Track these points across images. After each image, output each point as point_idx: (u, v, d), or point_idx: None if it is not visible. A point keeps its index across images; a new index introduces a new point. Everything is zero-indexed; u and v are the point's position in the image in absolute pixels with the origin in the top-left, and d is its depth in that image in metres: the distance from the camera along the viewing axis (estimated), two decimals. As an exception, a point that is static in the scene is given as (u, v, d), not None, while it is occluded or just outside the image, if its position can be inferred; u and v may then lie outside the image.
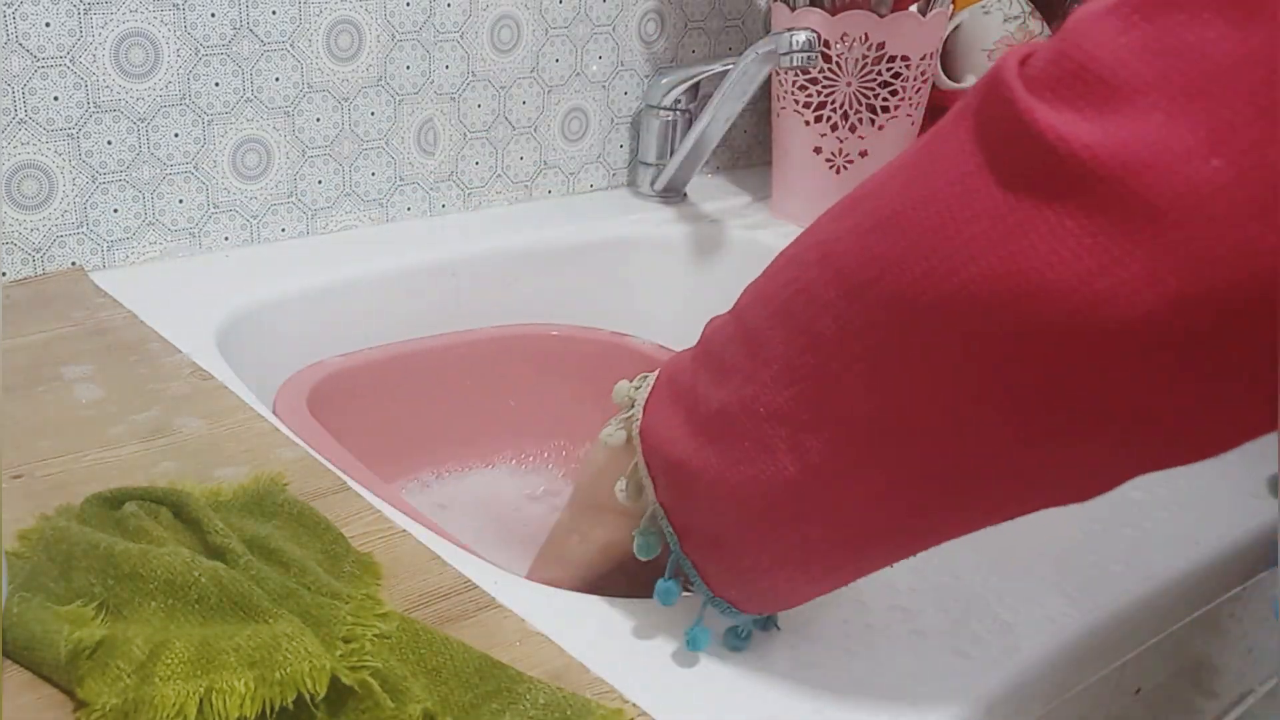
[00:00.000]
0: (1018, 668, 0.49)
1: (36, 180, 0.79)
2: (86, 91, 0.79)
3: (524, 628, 0.48)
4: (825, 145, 1.00)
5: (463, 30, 0.94)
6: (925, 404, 0.38)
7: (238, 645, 0.41)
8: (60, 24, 0.77)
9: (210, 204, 0.86)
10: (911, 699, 0.46)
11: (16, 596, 0.45)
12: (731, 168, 1.17)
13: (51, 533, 0.48)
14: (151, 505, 0.51)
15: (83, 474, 0.56)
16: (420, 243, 0.93)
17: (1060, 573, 0.55)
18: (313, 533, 0.52)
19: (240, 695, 0.40)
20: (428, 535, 0.54)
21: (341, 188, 0.92)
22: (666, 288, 1.03)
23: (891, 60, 0.96)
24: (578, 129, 1.04)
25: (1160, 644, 0.57)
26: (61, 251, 0.81)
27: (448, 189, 0.98)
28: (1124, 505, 0.60)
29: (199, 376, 0.67)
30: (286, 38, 0.86)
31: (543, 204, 1.04)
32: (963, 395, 0.37)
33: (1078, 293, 0.34)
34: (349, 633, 0.44)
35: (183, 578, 0.44)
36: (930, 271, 0.36)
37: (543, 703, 0.43)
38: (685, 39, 1.08)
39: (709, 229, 1.03)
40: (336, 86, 0.89)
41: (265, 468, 0.57)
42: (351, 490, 0.57)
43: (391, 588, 0.50)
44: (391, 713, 0.41)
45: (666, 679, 0.46)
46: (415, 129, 0.95)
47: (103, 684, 0.41)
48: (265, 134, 0.87)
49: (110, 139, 0.81)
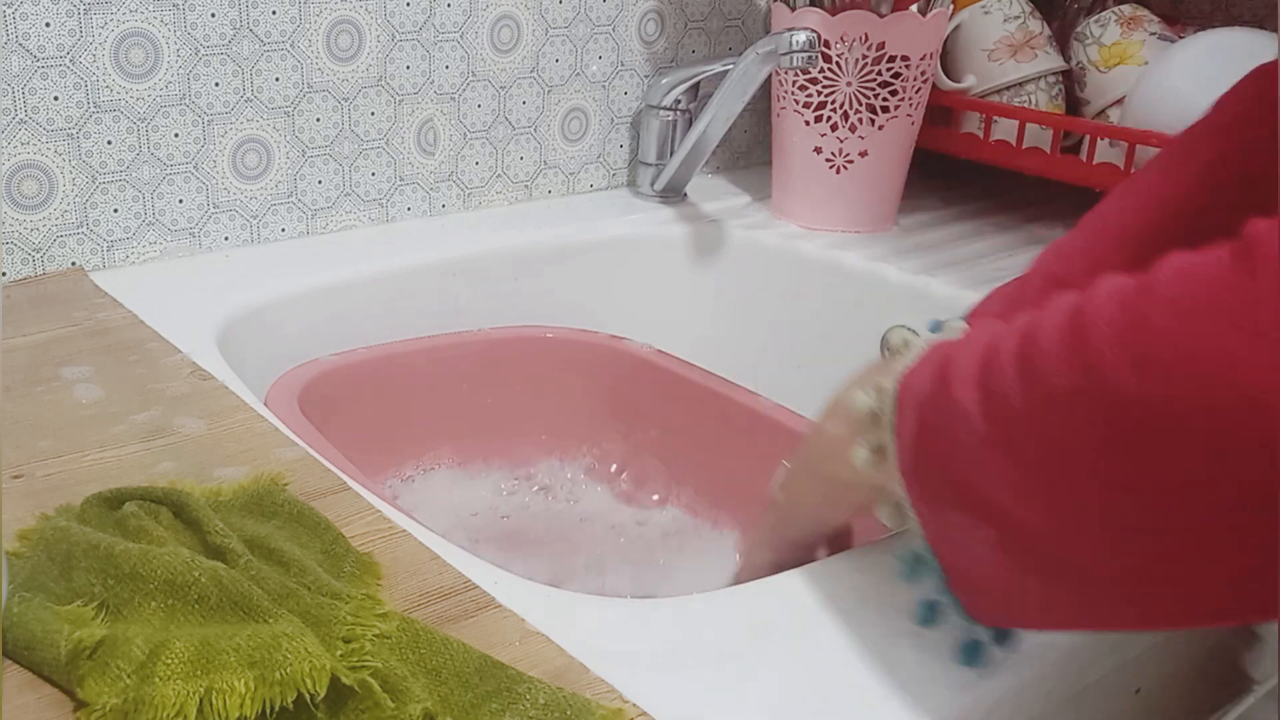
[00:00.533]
0: (1018, 668, 0.49)
1: (36, 180, 0.79)
2: (86, 91, 0.79)
3: (524, 628, 0.48)
4: (825, 145, 1.00)
5: (463, 30, 0.94)
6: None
7: (238, 645, 0.41)
8: (60, 24, 0.77)
9: (210, 204, 0.86)
10: (912, 699, 0.46)
11: (16, 596, 0.45)
12: (731, 168, 1.17)
13: (51, 533, 0.48)
14: (151, 505, 0.51)
15: (83, 474, 0.56)
16: (420, 243, 0.93)
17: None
18: (313, 533, 0.52)
19: (240, 695, 0.40)
20: (428, 535, 0.54)
21: (341, 188, 0.92)
22: (666, 288, 1.03)
23: (891, 60, 0.96)
24: (578, 129, 1.04)
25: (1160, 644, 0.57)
26: (61, 251, 0.81)
27: (448, 189, 0.98)
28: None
29: (199, 376, 0.67)
30: (286, 38, 0.86)
31: (543, 204, 1.04)
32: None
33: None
34: (349, 633, 0.44)
35: (183, 578, 0.44)
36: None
37: (543, 703, 0.43)
38: (685, 39, 1.08)
39: (709, 229, 1.03)
40: (336, 86, 0.89)
41: (265, 468, 0.57)
42: (351, 490, 0.57)
43: (391, 588, 0.50)
44: (391, 713, 0.41)
45: (666, 679, 0.46)
46: (415, 129, 0.95)
47: (103, 684, 0.41)
48: (265, 134, 0.87)
49: (110, 139, 0.81)
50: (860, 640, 0.50)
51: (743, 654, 0.49)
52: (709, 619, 0.51)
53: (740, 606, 0.52)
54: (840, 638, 0.50)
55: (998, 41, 1.04)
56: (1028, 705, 0.50)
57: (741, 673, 0.47)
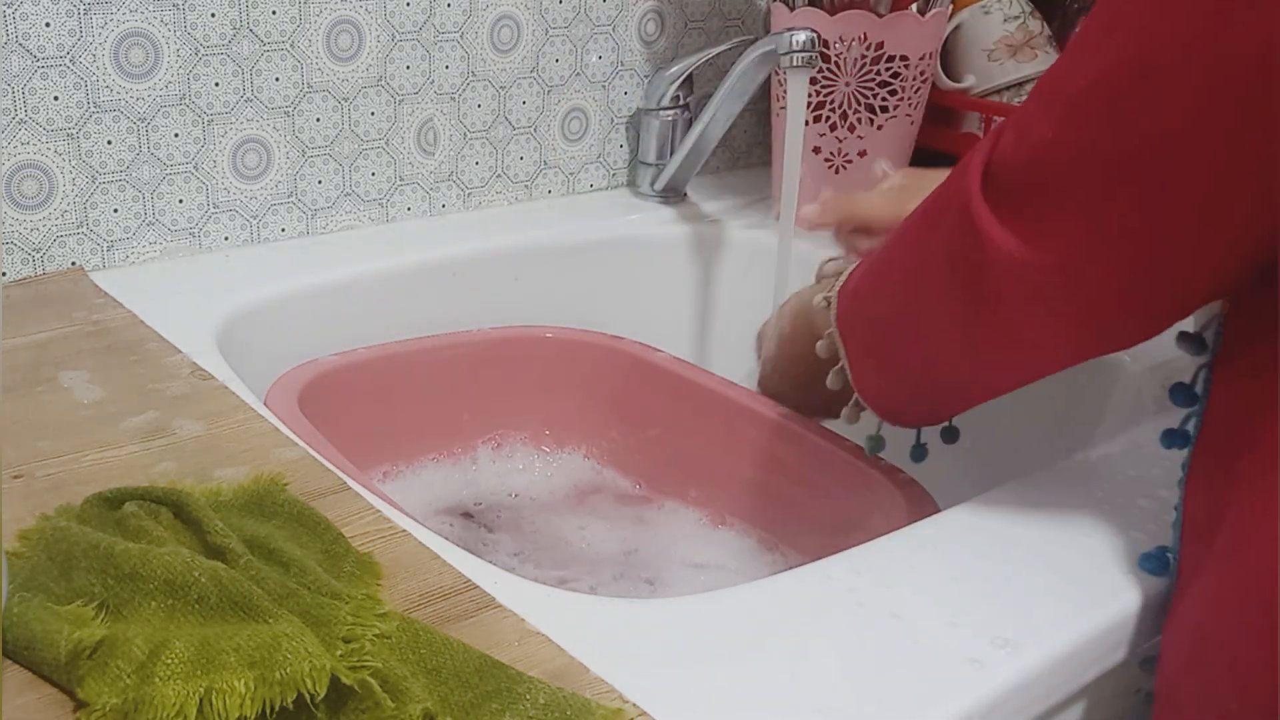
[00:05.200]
0: (1018, 668, 0.49)
1: (36, 180, 0.79)
2: (86, 91, 0.79)
3: (524, 628, 0.48)
4: (824, 145, 1.00)
5: (463, 30, 0.94)
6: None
7: (238, 645, 0.41)
8: (60, 24, 0.77)
9: (210, 204, 0.86)
10: (912, 699, 0.46)
11: (16, 596, 0.45)
12: (731, 168, 1.17)
13: (51, 533, 0.48)
14: (151, 505, 0.51)
15: (83, 474, 0.56)
16: (420, 243, 0.93)
17: (1061, 573, 0.55)
18: (313, 533, 0.52)
19: (240, 695, 0.40)
20: (428, 535, 0.54)
21: (341, 188, 0.92)
22: (666, 287, 1.03)
23: (890, 60, 0.96)
24: (578, 129, 1.04)
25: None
26: (61, 251, 0.81)
27: (448, 189, 0.98)
28: (1126, 506, 0.60)
29: (199, 376, 0.67)
30: (286, 38, 0.86)
31: (543, 204, 1.04)
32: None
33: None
34: (349, 633, 0.44)
35: (183, 578, 0.44)
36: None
37: (543, 703, 0.43)
38: (685, 39, 1.08)
39: (709, 229, 1.03)
40: (336, 86, 0.89)
41: (265, 468, 0.57)
42: (351, 490, 0.57)
43: (391, 588, 0.50)
44: (391, 713, 0.41)
45: (666, 679, 0.46)
46: (415, 129, 0.95)
47: (103, 684, 0.41)
48: (265, 134, 0.87)
49: (110, 139, 0.81)
50: (860, 640, 0.50)
51: (743, 654, 0.49)
52: (709, 619, 0.51)
53: (740, 606, 0.52)
54: (840, 638, 0.50)
55: (997, 41, 1.04)
56: (1028, 705, 0.50)
57: (741, 673, 0.47)
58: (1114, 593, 0.54)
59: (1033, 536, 0.58)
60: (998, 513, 0.59)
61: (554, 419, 0.90)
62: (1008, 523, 0.58)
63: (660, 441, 0.86)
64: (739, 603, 0.52)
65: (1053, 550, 0.57)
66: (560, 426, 0.91)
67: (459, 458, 0.88)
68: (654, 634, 0.49)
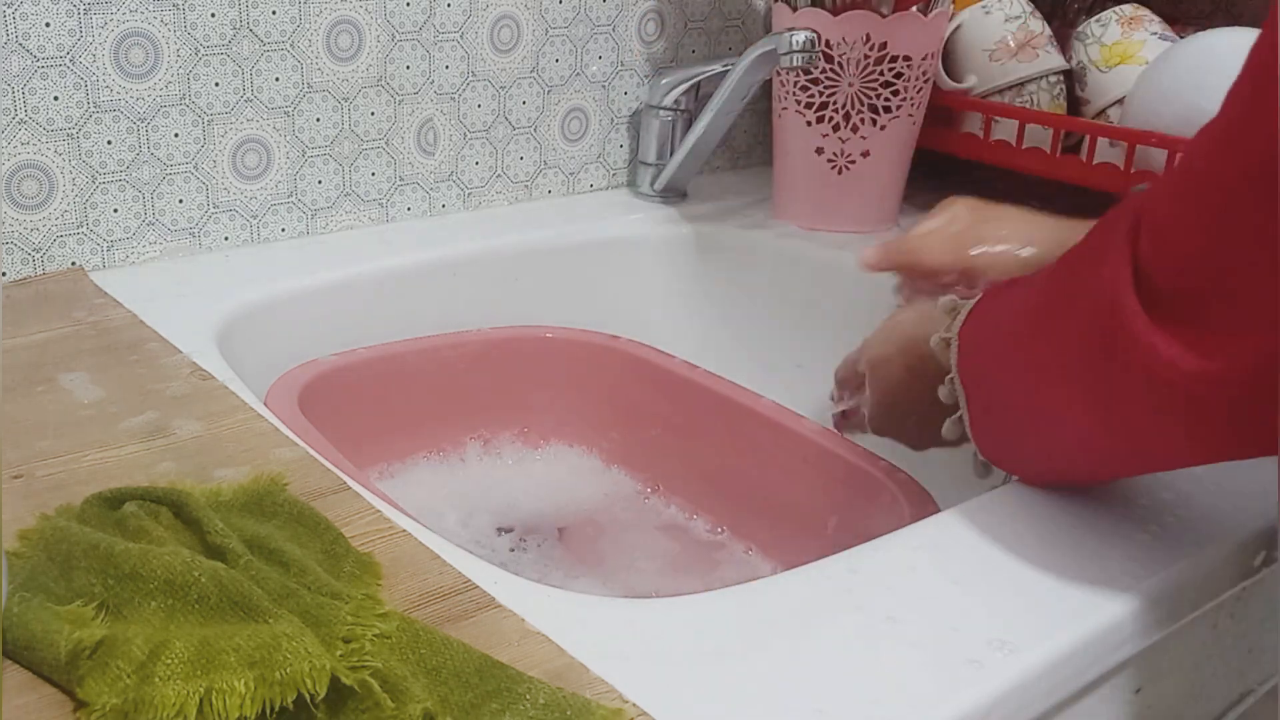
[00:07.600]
0: (1017, 669, 0.49)
1: (36, 180, 0.79)
2: (86, 91, 0.79)
3: (524, 627, 0.48)
4: (827, 145, 1.00)
5: (463, 30, 0.94)
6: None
7: (238, 645, 0.41)
8: (60, 24, 0.77)
9: (210, 204, 0.86)
10: (912, 700, 0.46)
11: (16, 596, 0.45)
12: (731, 168, 1.17)
13: (51, 533, 0.48)
14: (151, 505, 0.51)
15: (83, 474, 0.56)
16: (420, 243, 0.93)
17: (1060, 574, 0.55)
18: (313, 533, 0.52)
19: (240, 695, 0.40)
20: (428, 535, 0.54)
21: (341, 188, 0.92)
22: (666, 288, 1.03)
23: (893, 60, 0.96)
24: (578, 129, 1.04)
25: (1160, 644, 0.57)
26: (61, 251, 0.81)
27: (448, 189, 0.98)
28: (1127, 507, 0.60)
29: (199, 376, 0.67)
30: (286, 38, 0.86)
31: (543, 204, 1.04)
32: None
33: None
34: (349, 633, 0.44)
35: (183, 578, 0.44)
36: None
37: (543, 703, 0.43)
38: (685, 39, 1.08)
39: (709, 229, 1.03)
40: (336, 86, 0.89)
41: (265, 468, 0.57)
42: (351, 490, 0.57)
43: (391, 588, 0.50)
44: (391, 713, 0.41)
45: (666, 679, 0.46)
46: (415, 129, 0.95)
47: (103, 684, 0.41)
48: (265, 134, 0.87)
49: (110, 139, 0.81)
50: (860, 640, 0.50)
51: (743, 654, 0.49)
52: (709, 619, 0.51)
53: (740, 606, 0.52)
54: (840, 638, 0.50)
55: (999, 41, 1.04)
56: (1027, 706, 0.50)
57: (741, 673, 0.47)
58: (1114, 594, 0.54)
59: (1032, 537, 0.57)
60: (998, 513, 0.59)
61: (554, 419, 0.90)
62: (1008, 523, 0.58)
63: (661, 441, 0.87)
64: (739, 603, 0.52)
65: (1052, 551, 0.57)
66: (560, 426, 0.91)
67: (458, 457, 0.88)
68: (654, 634, 0.49)
